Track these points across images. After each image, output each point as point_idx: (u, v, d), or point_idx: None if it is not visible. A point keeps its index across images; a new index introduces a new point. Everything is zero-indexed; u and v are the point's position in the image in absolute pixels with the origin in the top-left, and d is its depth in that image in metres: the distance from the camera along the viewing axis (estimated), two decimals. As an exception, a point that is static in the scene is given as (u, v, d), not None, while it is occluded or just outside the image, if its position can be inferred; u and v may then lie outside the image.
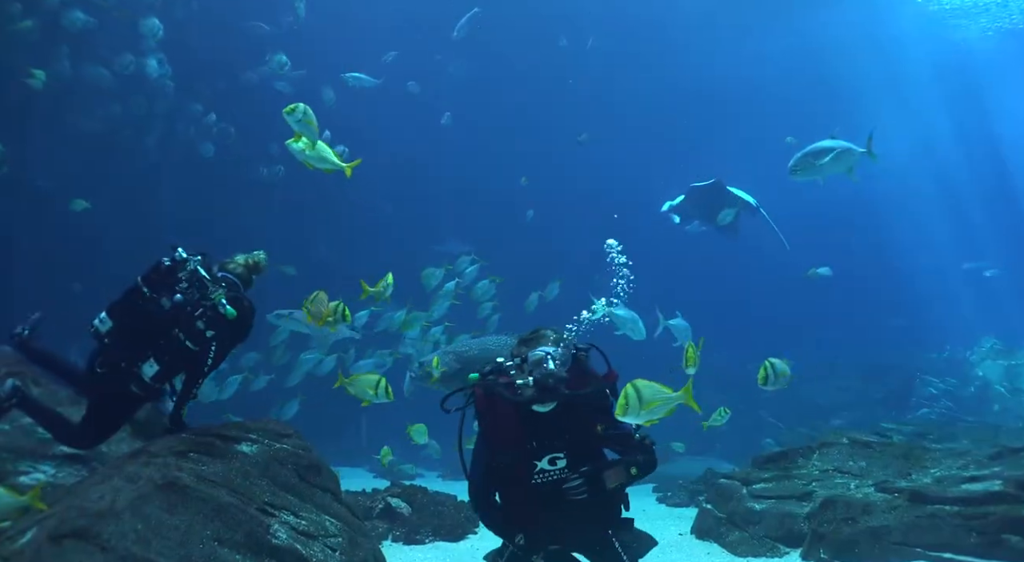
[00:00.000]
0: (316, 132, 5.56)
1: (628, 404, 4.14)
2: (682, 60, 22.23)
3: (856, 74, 23.47)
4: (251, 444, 5.20)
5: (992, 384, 17.81)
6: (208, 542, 4.24)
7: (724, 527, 7.13)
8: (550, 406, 4.24)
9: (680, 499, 10.77)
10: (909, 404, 17.47)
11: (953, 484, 6.03)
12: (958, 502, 5.68)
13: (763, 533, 6.77)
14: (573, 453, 4.27)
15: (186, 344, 5.00)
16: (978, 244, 27.39)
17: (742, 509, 7.07)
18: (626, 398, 4.15)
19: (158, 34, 14.21)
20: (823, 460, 7.49)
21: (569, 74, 21.22)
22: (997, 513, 5.42)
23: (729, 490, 7.47)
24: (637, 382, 4.21)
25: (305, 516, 5.05)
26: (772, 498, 7.03)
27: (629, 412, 4.15)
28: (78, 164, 15.48)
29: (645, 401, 4.16)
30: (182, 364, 5.05)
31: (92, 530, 3.88)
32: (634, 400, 4.15)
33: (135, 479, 4.34)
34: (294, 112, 5.39)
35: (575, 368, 4.35)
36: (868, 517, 5.85)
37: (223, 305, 4.98)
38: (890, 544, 5.63)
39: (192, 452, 4.78)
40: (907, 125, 25.07)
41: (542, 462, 4.28)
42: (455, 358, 9.13)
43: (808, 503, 6.67)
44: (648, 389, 4.20)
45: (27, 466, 4.91)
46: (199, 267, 5.19)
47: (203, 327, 5.01)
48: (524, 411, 4.27)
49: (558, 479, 4.25)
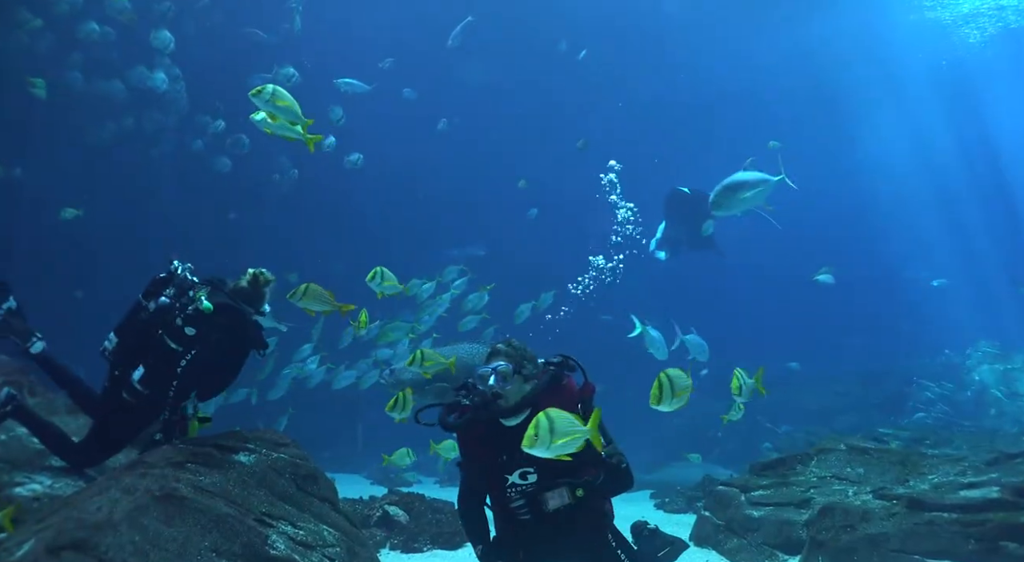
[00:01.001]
0: (294, 110, 5.52)
1: (538, 435, 3.72)
2: (680, 66, 22.28)
3: (853, 79, 23.55)
4: (248, 454, 5.19)
5: (988, 388, 17.80)
6: (206, 553, 4.23)
7: (723, 534, 7.13)
8: (517, 420, 4.33)
9: (678, 505, 10.77)
10: (906, 408, 17.46)
11: (951, 491, 6.03)
12: (956, 509, 5.67)
13: (761, 540, 6.77)
14: (543, 467, 4.27)
15: (169, 345, 5.04)
16: (975, 246, 27.46)
17: (740, 516, 7.07)
18: (536, 428, 3.74)
19: (169, 46, 14.27)
20: (821, 467, 7.48)
21: (565, 80, 21.27)
22: (995, 520, 5.42)
23: (727, 497, 7.47)
24: (551, 411, 3.82)
25: (303, 526, 5.04)
26: (770, 505, 7.03)
27: (537, 444, 3.73)
28: (86, 175, 15.61)
29: (557, 433, 3.74)
30: (166, 366, 5.06)
31: (90, 542, 3.86)
32: (544, 431, 3.74)
33: (132, 490, 4.33)
34: (261, 93, 5.42)
35: (550, 382, 4.41)
36: (866, 524, 5.84)
37: (200, 300, 5.00)
38: (888, 551, 5.63)
39: (189, 463, 4.77)
40: (904, 129, 25.13)
41: (513, 476, 4.34)
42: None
43: (806, 510, 6.67)
44: (562, 420, 3.80)
45: (23, 477, 4.89)
46: (188, 273, 5.26)
47: (182, 324, 5.05)
48: (494, 426, 4.38)
49: (530, 493, 4.30)
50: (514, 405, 4.31)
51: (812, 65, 22.43)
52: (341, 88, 15.56)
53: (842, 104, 23.90)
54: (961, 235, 27.54)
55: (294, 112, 5.48)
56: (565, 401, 4.25)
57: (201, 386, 5.24)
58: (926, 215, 27.02)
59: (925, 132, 25.76)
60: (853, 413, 17.35)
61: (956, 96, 24.75)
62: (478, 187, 21.53)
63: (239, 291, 5.31)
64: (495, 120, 22.01)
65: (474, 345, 9.79)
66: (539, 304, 12.77)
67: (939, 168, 26.71)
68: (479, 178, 21.63)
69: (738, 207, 8.21)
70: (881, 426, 13.60)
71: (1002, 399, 17.32)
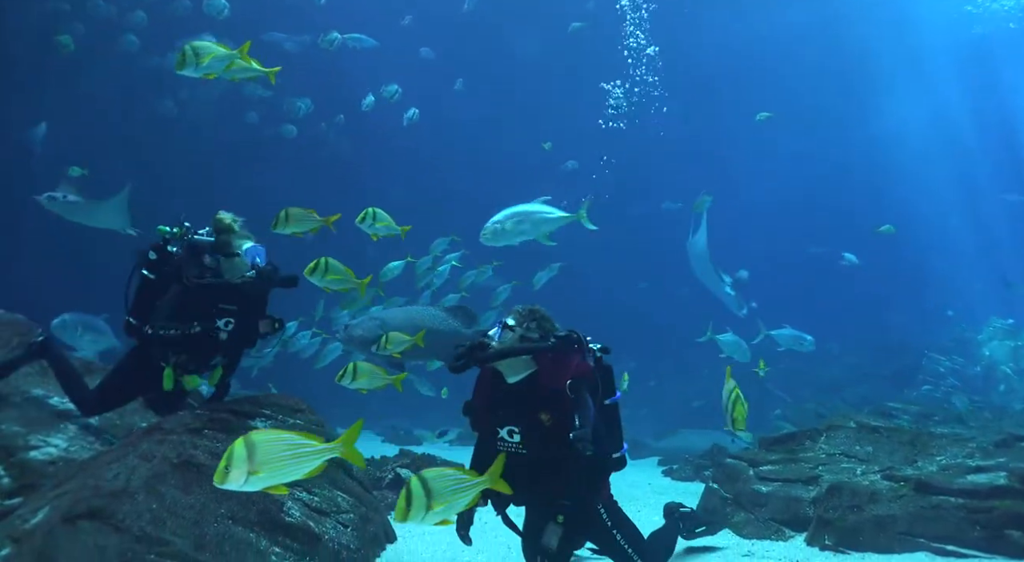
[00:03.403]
0: (217, 52, 5.36)
1: (410, 506, 3.17)
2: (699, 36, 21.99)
3: (873, 47, 23.20)
4: (265, 420, 5.26)
5: (998, 364, 17.80)
6: (222, 520, 4.30)
7: (730, 507, 7.16)
8: (516, 378, 4.54)
9: (686, 473, 10.85)
10: (916, 381, 17.48)
11: (958, 474, 6.04)
12: (963, 494, 5.69)
13: (769, 516, 6.80)
14: (526, 430, 4.44)
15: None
16: (991, 220, 27.23)
17: (748, 491, 7.10)
18: (407, 497, 3.19)
19: (223, 12, 14.19)
20: (830, 443, 7.49)
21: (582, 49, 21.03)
22: (1001, 508, 5.44)
23: (736, 471, 7.50)
24: (426, 473, 3.31)
25: (318, 492, 5.11)
26: (778, 481, 7.05)
27: (411, 516, 3.21)
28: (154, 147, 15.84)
29: (436, 496, 3.22)
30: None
31: (107, 510, 3.92)
32: (418, 499, 3.17)
33: (150, 457, 4.39)
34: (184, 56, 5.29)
35: (549, 349, 4.53)
36: (874, 505, 5.87)
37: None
38: (895, 534, 5.65)
39: (207, 429, 4.83)
40: (922, 99, 24.80)
41: (503, 431, 4.50)
42: (380, 324, 9.22)
43: (814, 487, 6.70)
44: (441, 480, 3.29)
45: (38, 440, 4.95)
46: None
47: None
48: (499, 381, 4.59)
49: (513, 452, 4.44)
50: (494, 353, 4.43)
51: (832, 36, 22.11)
52: (349, 44, 15.38)
53: (861, 76, 23.58)
54: (978, 212, 27.29)
55: (218, 53, 5.29)
56: (559, 374, 4.43)
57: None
58: (943, 191, 26.74)
59: (943, 107, 25.42)
60: (864, 385, 17.42)
61: (977, 70, 24.35)
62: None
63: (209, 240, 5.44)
64: (528, 87, 21.97)
65: (429, 308, 9.81)
66: (542, 275, 12.67)
67: (958, 143, 26.39)
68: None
69: (508, 239, 8.32)
70: (891, 399, 13.62)
71: (1011, 375, 17.31)
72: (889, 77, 24.28)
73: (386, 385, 5.95)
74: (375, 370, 5.85)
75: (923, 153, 25.79)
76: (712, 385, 9.83)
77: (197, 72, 5.22)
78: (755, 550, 6.13)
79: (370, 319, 9.41)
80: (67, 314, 10.19)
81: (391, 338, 6.82)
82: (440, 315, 9.61)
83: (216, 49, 5.22)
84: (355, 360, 5.90)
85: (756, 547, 6.26)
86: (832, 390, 17.06)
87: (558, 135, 19.04)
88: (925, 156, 25.97)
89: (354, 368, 5.77)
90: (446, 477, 3.34)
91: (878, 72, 24.05)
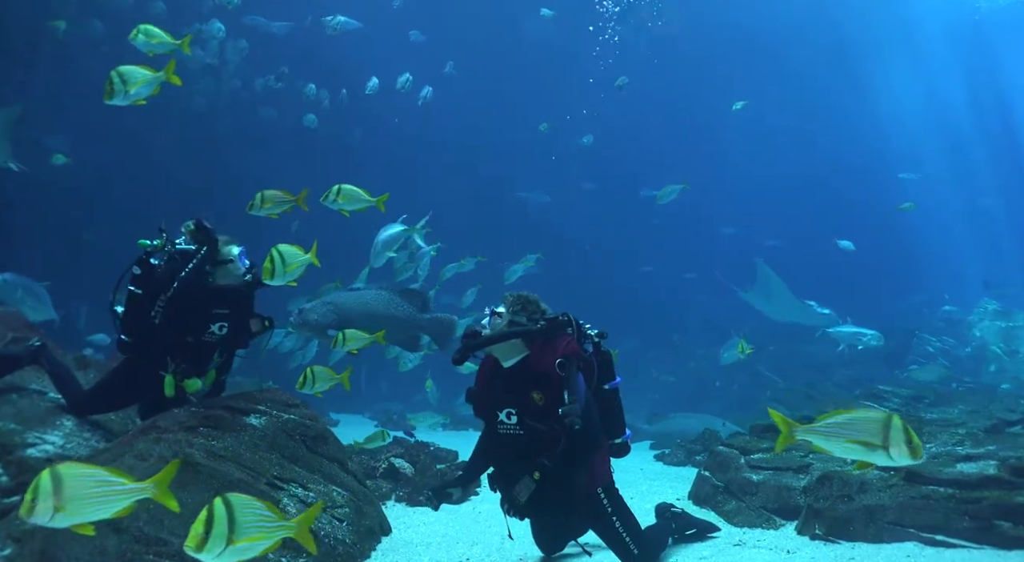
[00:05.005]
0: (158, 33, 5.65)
1: (207, 533, 2.88)
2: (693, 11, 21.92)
3: (868, 29, 23.12)
4: (259, 416, 5.29)
5: (988, 345, 17.90)
6: (219, 519, 4.32)
7: (721, 496, 7.24)
8: (510, 362, 4.74)
9: (678, 458, 10.91)
10: (906, 362, 17.57)
11: (948, 463, 6.10)
12: (952, 484, 5.74)
13: (759, 504, 6.87)
14: (522, 412, 4.59)
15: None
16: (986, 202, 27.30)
17: (739, 479, 7.17)
18: (205, 521, 2.92)
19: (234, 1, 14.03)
20: (821, 431, 7.55)
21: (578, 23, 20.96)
22: (990, 499, 5.50)
23: (727, 459, 7.57)
24: (235, 497, 3.01)
25: (313, 488, 5.15)
26: (769, 469, 7.12)
27: (205, 552, 2.88)
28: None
29: (240, 529, 2.90)
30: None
31: (105, 511, 3.95)
32: (219, 526, 2.89)
33: (146, 457, 4.42)
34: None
35: (538, 333, 4.69)
36: (864, 495, 5.93)
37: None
38: (884, 523, 5.72)
39: (202, 426, 4.86)
40: (918, 82, 24.77)
41: (502, 414, 4.67)
42: (333, 309, 9.25)
43: (805, 476, 6.75)
44: (248, 511, 2.97)
45: (35, 437, 4.96)
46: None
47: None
48: (497, 367, 4.80)
49: (512, 433, 4.64)
50: (484, 339, 4.64)
51: (828, 15, 22.03)
52: (332, 24, 15.08)
53: (857, 56, 23.51)
54: (971, 192, 27.32)
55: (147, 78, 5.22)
56: (549, 355, 4.58)
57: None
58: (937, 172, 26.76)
59: (940, 89, 25.38)
60: (854, 366, 17.42)
61: (973, 53, 24.31)
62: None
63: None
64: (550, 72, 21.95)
65: (381, 292, 9.73)
66: (518, 267, 12.68)
67: (952, 125, 26.38)
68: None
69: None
70: (881, 381, 13.68)
71: (1002, 356, 17.42)
72: (887, 60, 24.23)
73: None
74: (326, 372, 6.04)
75: (920, 135, 25.79)
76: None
77: (127, 100, 5.10)
78: (746, 539, 6.19)
79: (323, 304, 9.37)
80: (8, 273, 9.80)
81: (348, 336, 6.80)
82: (395, 299, 9.56)
83: (144, 74, 5.10)
84: (312, 342, 6.08)
85: (747, 535, 6.32)
86: (821, 371, 17.11)
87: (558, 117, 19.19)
88: (922, 137, 25.97)
89: (312, 374, 5.94)
90: (253, 509, 3.02)
91: (875, 54, 23.99)
